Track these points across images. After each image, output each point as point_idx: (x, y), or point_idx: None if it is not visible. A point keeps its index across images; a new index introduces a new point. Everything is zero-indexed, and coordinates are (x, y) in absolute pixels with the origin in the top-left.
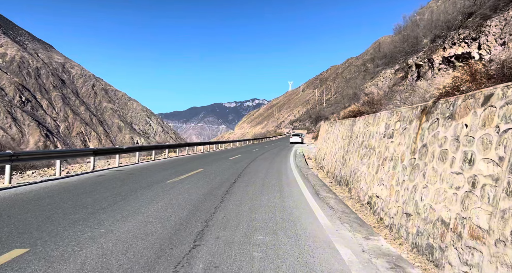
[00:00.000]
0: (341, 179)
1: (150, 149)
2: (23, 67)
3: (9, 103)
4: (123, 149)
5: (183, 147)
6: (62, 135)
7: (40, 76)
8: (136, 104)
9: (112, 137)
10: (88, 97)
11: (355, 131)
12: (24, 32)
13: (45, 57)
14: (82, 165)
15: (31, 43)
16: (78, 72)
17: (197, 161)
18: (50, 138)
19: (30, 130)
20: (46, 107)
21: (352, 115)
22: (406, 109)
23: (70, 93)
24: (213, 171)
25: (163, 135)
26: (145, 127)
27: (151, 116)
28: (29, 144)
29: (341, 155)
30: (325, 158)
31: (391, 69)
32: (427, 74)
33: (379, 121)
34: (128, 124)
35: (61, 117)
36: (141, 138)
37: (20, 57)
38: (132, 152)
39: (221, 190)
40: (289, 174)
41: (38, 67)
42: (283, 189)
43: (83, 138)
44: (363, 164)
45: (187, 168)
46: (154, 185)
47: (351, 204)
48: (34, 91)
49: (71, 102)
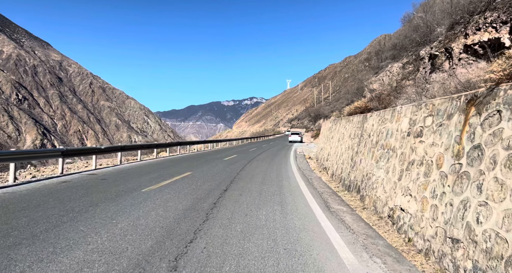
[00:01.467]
0: (350, 184)
1: (135, 149)
2: (19, 65)
3: (6, 101)
4: (101, 149)
5: (174, 146)
6: (59, 134)
7: (37, 74)
8: (133, 102)
9: (109, 135)
10: (85, 95)
11: (366, 129)
12: (20, 29)
13: (42, 55)
14: (56, 167)
15: (28, 41)
16: (75, 70)
17: (187, 162)
18: (47, 136)
19: (27, 129)
20: (43, 106)
21: (359, 112)
22: (441, 101)
23: (68, 91)
24: (203, 175)
25: (161, 133)
26: (143, 126)
27: (149, 115)
28: (26, 142)
29: (349, 156)
30: (329, 159)
31: (399, 63)
32: (443, 65)
33: (399, 117)
34: (125, 122)
35: (58, 115)
36: (139, 136)
37: (17, 55)
38: (113, 152)
39: (208, 202)
40: (290, 177)
41: (35, 65)
42: (285, 199)
43: (80, 136)
44: (379, 168)
45: (173, 171)
46: (125, 195)
47: (366, 216)
48: (31, 89)
49: (68, 101)
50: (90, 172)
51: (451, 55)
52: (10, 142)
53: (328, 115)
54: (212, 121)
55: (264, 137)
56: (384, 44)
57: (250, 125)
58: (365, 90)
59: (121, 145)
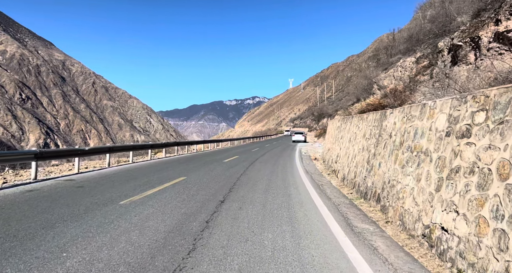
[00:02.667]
0: (367, 191)
1: (125, 150)
2: (23, 64)
3: (9, 100)
4: (84, 150)
5: (171, 146)
6: (63, 133)
7: (40, 73)
8: (136, 102)
9: (112, 134)
10: (88, 94)
11: (386, 128)
12: (24, 29)
13: (45, 54)
14: (44, 169)
15: (31, 41)
16: (78, 69)
17: (183, 164)
18: (51, 135)
19: (31, 128)
20: (46, 105)
21: (371, 110)
22: (499, 91)
23: (71, 90)
24: (198, 181)
25: (164, 133)
26: (146, 125)
27: (152, 114)
28: (30, 141)
29: (365, 159)
30: (338, 161)
31: (411, 58)
32: (468, 57)
33: (433, 113)
34: (128, 122)
35: (62, 115)
36: (142, 135)
37: (20, 54)
38: (99, 154)
39: (199, 220)
40: (298, 183)
41: (38, 64)
42: (294, 214)
43: (83, 135)
44: (405, 174)
45: (165, 176)
46: (96, 210)
47: (392, 233)
48: (34, 88)
49: (71, 100)
50: (69, 177)
51: (478, 45)
52: (14, 141)
53: (332, 114)
54: (214, 121)
55: (266, 136)
56: (393, 39)
57: (252, 125)
58: (373, 87)
59: (108, 146)
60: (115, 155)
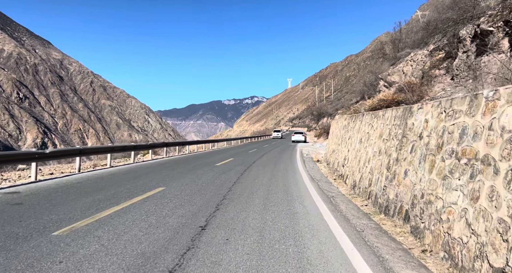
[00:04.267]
0: (389, 204)
1: (101, 152)
2: (20, 63)
3: (7, 99)
4: (44, 153)
5: (159, 148)
6: (60, 132)
7: (38, 72)
8: (134, 101)
9: (110, 134)
10: (86, 94)
11: (413, 127)
12: (21, 28)
13: (43, 53)
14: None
15: (29, 40)
16: (76, 68)
17: (168, 169)
18: (48, 134)
19: (28, 127)
20: (44, 104)
21: (384, 106)
22: None
23: (68, 90)
24: (178, 193)
25: (162, 132)
26: (144, 125)
27: (150, 114)
28: (27, 140)
29: (383, 164)
30: (347, 164)
31: (423, 50)
32: (500, 44)
33: (494, 106)
34: (126, 121)
35: (59, 114)
36: (140, 135)
37: (18, 53)
38: (66, 157)
39: (161, 268)
40: (304, 196)
41: (36, 63)
42: (305, 251)
43: (81, 134)
44: (450, 188)
45: (139, 186)
46: (2, 251)
47: (437, 270)
48: (31, 87)
49: (69, 99)
50: (15, 188)
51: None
52: (11, 141)
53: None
54: (213, 121)
55: (265, 136)
56: (400, 32)
57: (251, 125)
58: (379, 84)
59: (79, 148)
60: (97, 156)
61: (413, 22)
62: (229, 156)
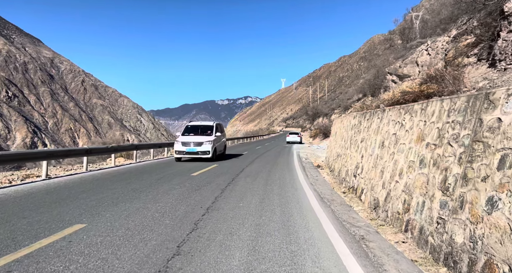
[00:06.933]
0: (454, 252)
1: (29, 159)
2: (10, 61)
3: None
4: None
5: (129, 151)
6: (51, 132)
7: (28, 71)
8: (127, 100)
9: (102, 133)
10: (77, 93)
11: (502, 125)
12: (11, 25)
13: (33, 51)
14: None
15: (19, 37)
16: (67, 67)
17: (121, 183)
18: (38, 134)
19: (17, 127)
20: (33, 103)
21: (411, 100)
22: None
23: (59, 89)
24: (100, 239)
25: (154, 132)
26: (136, 124)
27: (142, 113)
28: (16, 140)
29: (434, 182)
30: (361, 175)
31: (443, 37)
32: None
33: None
34: (118, 121)
35: (50, 113)
36: (132, 134)
37: (7, 51)
38: None
39: None
40: (317, 243)
41: (25, 61)
42: None
43: (72, 134)
44: None
45: (43, 223)
46: None
47: None
48: (21, 86)
49: (60, 98)
50: None
51: None
52: (0, 140)
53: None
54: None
55: (258, 136)
56: (411, 21)
57: (244, 125)
58: (386, 79)
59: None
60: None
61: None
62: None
